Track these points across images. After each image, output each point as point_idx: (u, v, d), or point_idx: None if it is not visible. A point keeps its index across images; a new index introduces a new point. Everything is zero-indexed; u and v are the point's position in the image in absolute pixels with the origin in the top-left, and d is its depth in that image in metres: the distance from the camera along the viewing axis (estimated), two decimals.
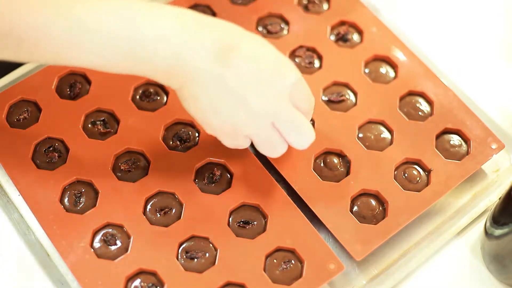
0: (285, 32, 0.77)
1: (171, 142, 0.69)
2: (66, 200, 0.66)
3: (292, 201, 0.66)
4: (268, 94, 0.60)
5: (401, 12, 0.82)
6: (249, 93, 0.60)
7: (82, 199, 0.66)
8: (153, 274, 0.63)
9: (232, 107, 0.60)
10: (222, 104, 0.60)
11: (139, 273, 0.63)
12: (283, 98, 0.61)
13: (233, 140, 0.64)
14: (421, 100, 0.73)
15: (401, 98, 0.73)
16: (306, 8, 0.78)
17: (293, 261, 0.64)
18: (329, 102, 0.72)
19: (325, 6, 0.79)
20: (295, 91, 0.61)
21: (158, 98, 0.72)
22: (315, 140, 0.69)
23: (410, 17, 0.81)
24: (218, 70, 0.59)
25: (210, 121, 0.62)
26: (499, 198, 0.64)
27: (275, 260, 0.64)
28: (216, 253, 0.64)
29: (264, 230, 0.65)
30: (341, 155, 0.69)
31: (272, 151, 0.64)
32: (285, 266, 0.63)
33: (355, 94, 0.73)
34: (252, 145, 0.69)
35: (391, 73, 0.75)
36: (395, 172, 0.69)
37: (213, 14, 0.77)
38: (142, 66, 0.59)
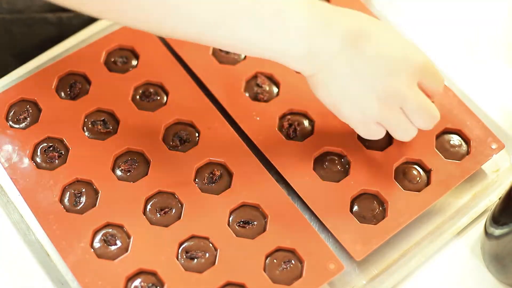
0: None
1: (171, 142, 0.69)
2: (66, 200, 0.66)
3: (292, 201, 0.66)
4: (396, 79, 0.62)
5: (402, 12, 0.82)
6: (377, 79, 0.62)
7: (82, 199, 0.66)
8: (153, 274, 0.63)
9: (361, 93, 0.62)
10: (351, 90, 0.62)
11: (139, 273, 0.63)
12: (411, 82, 0.63)
13: (366, 128, 0.65)
14: None
15: None
16: None
17: (293, 261, 0.64)
18: None
19: None
20: (424, 74, 0.64)
21: (158, 98, 0.72)
22: (315, 140, 0.69)
23: (410, 17, 0.81)
24: (348, 57, 0.61)
25: (340, 108, 0.64)
26: (499, 198, 0.64)
27: (275, 260, 0.64)
28: (216, 253, 0.64)
29: (264, 230, 0.65)
30: (341, 155, 0.69)
31: (404, 135, 0.66)
32: (285, 266, 0.63)
33: None
34: (253, 145, 0.69)
35: None
36: (395, 172, 0.69)
37: None
38: (278, 55, 0.61)
